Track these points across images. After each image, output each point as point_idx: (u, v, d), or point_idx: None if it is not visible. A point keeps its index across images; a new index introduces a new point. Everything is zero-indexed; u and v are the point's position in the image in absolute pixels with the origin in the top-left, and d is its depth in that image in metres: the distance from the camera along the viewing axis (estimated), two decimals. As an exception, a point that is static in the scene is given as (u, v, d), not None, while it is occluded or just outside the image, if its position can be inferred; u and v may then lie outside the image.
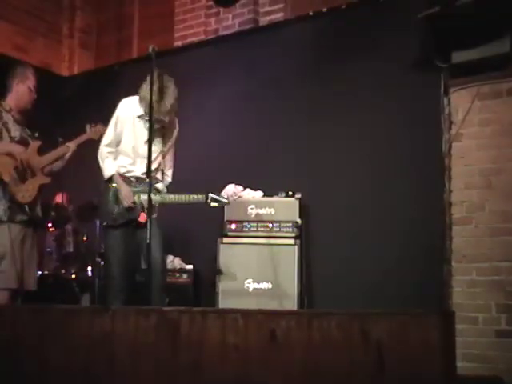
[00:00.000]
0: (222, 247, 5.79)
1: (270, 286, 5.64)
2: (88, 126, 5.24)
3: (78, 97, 7.76)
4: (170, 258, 6.13)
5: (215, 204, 4.79)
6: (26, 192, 4.91)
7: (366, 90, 5.89)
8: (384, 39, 5.82)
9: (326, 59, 6.18)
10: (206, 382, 2.78)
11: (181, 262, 6.19)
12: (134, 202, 4.77)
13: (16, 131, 5.01)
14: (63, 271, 6.29)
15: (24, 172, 4.94)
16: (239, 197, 5.90)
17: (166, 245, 4.87)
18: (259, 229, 5.78)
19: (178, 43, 7.48)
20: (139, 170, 4.84)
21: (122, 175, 4.86)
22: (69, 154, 5.16)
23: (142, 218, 4.68)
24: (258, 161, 6.30)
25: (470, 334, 5.05)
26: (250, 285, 5.68)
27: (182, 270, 6.09)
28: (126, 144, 4.90)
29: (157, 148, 4.85)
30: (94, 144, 5.31)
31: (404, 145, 5.62)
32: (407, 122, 5.62)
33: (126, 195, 4.78)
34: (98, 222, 6.28)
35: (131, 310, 3.14)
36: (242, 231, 5.82)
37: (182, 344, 2.86)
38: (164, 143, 4.95)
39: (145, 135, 4.76)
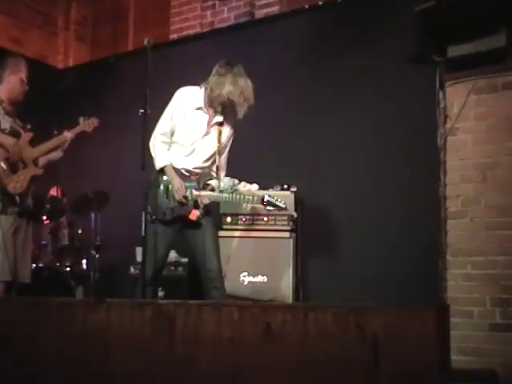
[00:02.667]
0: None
1: (265, 279, 5.65)
2: (81, 119, 5.22)
3: (74, 89, 7.74)
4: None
5: (271, 208, 4.63)
6: (17, 183, 4.90)
7: (361, 84, 5.89)
8: (380, 33, 5.82)
9: (322, 52, 6.17)
10: (201, 375, 2.78)
11: (176, 255, 6.19)
12: (186, 197, 4.58)
13: (6, 123, 4.99)
14: (58, 264, 6.29)
15: (15, 163, 4.93)
16: (234, 190, 5.90)
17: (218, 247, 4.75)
18: (255, 222, 5.77)
19: (174, 36, 7.47)
20: (192, 163, 4.66)
21: (174, 167, 4.66)
22: (67, 143, 5.15)
23: (193, 215, 4.58)
24: (253, 154, 6.30)
25: (465, 328, 5.06)
26: (246, 278, 5.68)
27: (178, 264, 6.08)
28: (182, 135, 4.66)
29: (213, 144, 4.68)
30: (87, 137, 5.31)
31: (399, 139, 5.63)
32: (403, 116, 5.62)
33: (179, 189, 4.57)
34: (93, 215, 6.29)
35: (126, 303, 3.13)
36: (237, 224, 5.81)
37: (178, 337, 2.85)
38: (219, 141, 4.71)
39: (203, 128, 4.65)
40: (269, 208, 4.64)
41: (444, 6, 5.14)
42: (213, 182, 4.73)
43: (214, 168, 4.75)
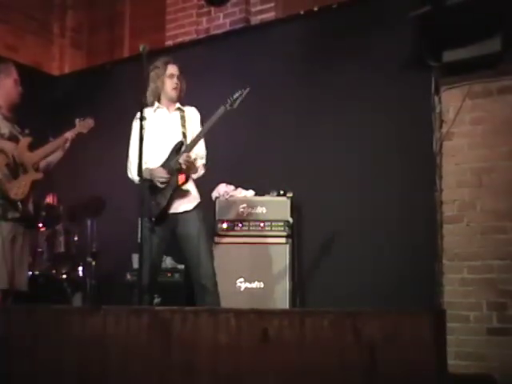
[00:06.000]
0: (213, 246, 5.77)
1: (261, 285, 5.64)
2: (77, 120, 5.24)
3: (70, 96, 7.74)
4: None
5: (238, 101, 4.71)
6: (19, 188, 4.91)
7: (356, 89, 5.89)
8: (375, 38, 5.83)
9: (317, 58, 6.18)
10: (197, 382, 2.78)
11: (172, 261, 6.18)
12: (167, 174, 4.66)
13: (5, 128, 5.00)
14: (54, 271, 6.27)
15: (16, 168, 4.94)
16: (231, 196, 5.90)
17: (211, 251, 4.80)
18: (251, 228, 5.76)
19: (170, 42, 7.47)
20: (163, 153, 4.76)
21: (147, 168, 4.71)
22: (68, 144, 5.17)
23: (181, 179, 4.67)
24: (249, 160, 6.30)
25: (461, 332, 5.06)
26: (242, 284, 5.68)
27: (174, 270, 6.08)
28: (152, 140, 4.74)
29: (178, 130, 4.82)
30: (83, 143, 5.32)
31: (395, 144, 5.63)
32: (398, 121, 5.63)
33: (159, 173, 4.66)
34: (89, 222, 6.28)
35: (123, 310, 3.13)
36: (233, 230, 5.81)
37: (174, 343, 2.85)
38: (184, 125, 4.87)
39: (165, 120, 4.82)
40: (237, 103, 4.73)
41: (439, 11, 5.16)
42: (183, 148, 4.79)
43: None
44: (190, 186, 4.82)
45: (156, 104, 4.91)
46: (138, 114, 4.72)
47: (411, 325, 2.42)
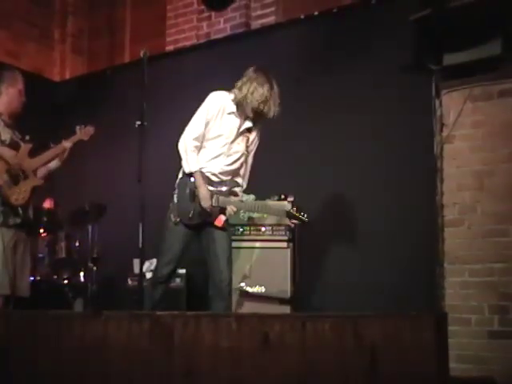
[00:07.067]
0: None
1: (263, 289, 5.63)
2: (78, 128, 5.26)
3: (71, 102, 7.75)
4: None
5: (294, 221, 4.65)
6: (20, 194, 4.92)
7: (357, 93, 5.89)
8: (375, 42, 5.84)
9: (318, 62, 6.19)
10: (199, 386, 2.77)
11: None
12: (212, 206, 4.59)
13: (7, 134, 5.02)
14: (55, 277, 6.27)
15: (16, 174, 4.95)
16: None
17: (231, 257, 4.75)
18: (252, 232, 5.76)
19: (170, 47, 7.49)
20: (218, 166, 4.66)
21: (202, 173, 4.63)
22: (66, 153, 5.18)
23: (219, 222, 4.60)
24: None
25: (463, 336, 5.06)
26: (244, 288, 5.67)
27: (175, 275, 6.06)
28: (213, 139, 4.66)
29: (240, 148, 4.71)
30: (84, 149, 5.32)
31: (396, 147, 5.63)
32: (399, 124, 5.63)
33: (205, 197, 4.57)
34: (90, 227, 6.27)
35: (124, 315, 3.13)
36: (234, 235, 5.79)
37: (176, 348, 2.85)
38: (247, 147, 4.73)
39: (233, 133, 4.66)
40: (293, 221, 4.68)
41: (439, 14, 5.16)
42: (238, 189, 4.76)
43: (240, 172, 4.78)
44: None
45: (233, 106, 4.69)
46: (217, 99, 4.67)
47: (413, 328, 2.41)
